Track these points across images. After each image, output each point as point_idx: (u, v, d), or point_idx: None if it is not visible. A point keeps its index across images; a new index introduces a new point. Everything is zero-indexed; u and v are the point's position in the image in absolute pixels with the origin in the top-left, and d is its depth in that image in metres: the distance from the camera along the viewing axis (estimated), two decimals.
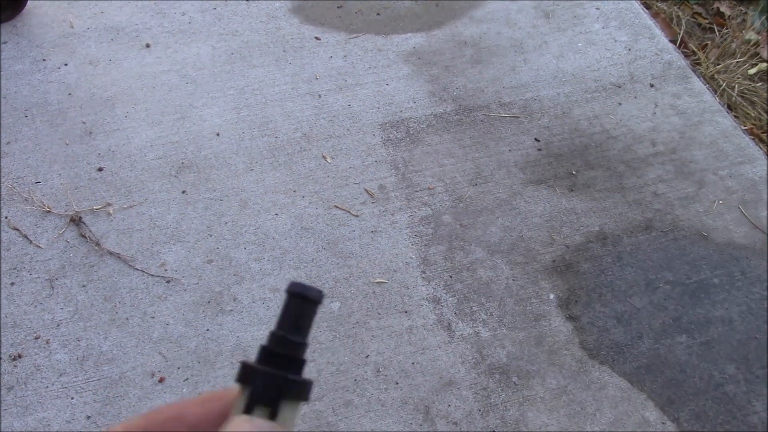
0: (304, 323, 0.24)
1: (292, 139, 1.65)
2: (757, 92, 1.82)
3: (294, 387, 0.23)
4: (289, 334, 0.24)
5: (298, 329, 0.24)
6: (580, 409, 1.20)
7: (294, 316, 0.24)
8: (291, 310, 0.24)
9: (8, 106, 1.71)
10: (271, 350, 0.24)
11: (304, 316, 0.24)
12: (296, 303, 0.24)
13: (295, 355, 0.24)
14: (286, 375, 0.23)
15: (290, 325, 0.24)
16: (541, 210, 1.51)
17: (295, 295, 0.24)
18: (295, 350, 0.24)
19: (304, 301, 0.24)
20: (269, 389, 0.23)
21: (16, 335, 1.28)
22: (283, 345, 0.24)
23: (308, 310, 0.24)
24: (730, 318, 1.33)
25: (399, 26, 1.98)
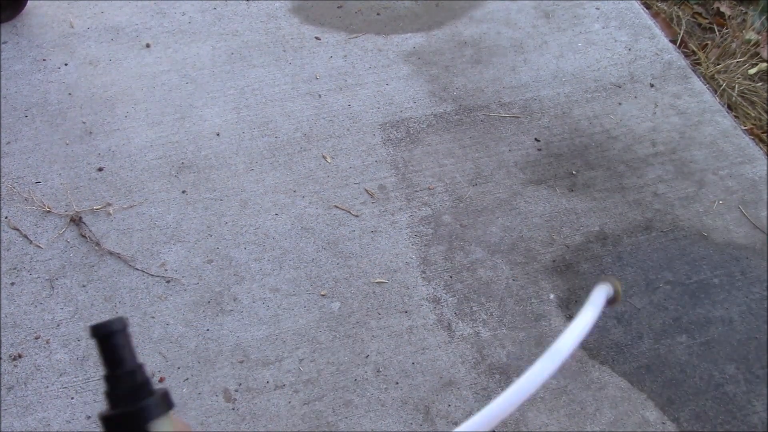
0: (124, 353, 0.25)
1: (292, 139, 1.65)
2: (757, 92, 1.82)
3: (152, 409, 0.25)
4: (118, 369, 0.25)
5: (122, 361, 0.25)
6: (580, 409, 1.20)
7: (111, 352, 0.25)
8: (105, 348, 0.25)
9: (8, 106, 1.71)
10: (114, 394, 0.25)
11: (119, 346, 0.25)
12: (105, 341, 0.25)
13: (134, 383, 0.25)
14: (140, 405, 0.25)
15: (113, 361, 0.25)
16: (541, 210, 1.51)
17: (101, 335, 0.25)
18: (131, 380, 0.25)
19: (111, 335, 0.25)
20: (133, 427, 0.24)
21: (16, 335, 1.28)
22: (119, 382, 0.25)
23: (120, 340, 0.25)
24: (730, 318, 1.33)
25: (399, 26, 1.98)
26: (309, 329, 1.30)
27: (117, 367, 0.25)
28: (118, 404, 0.25)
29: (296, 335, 1.29)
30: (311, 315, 1.32)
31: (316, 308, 1.33)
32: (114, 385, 0.25)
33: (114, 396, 0.25)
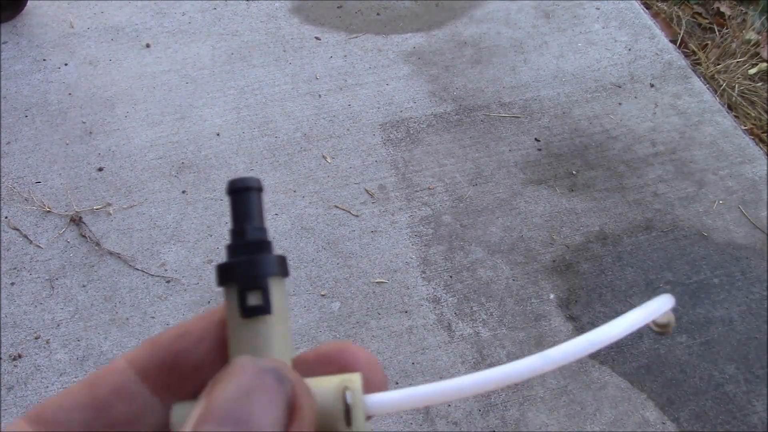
0: (254, 211, 0.25)
1: (292, 139, 1.65)
2: (757, 92, 1.82)
3: (273, 264, 0.24)
4: (249, 223, 0.24)
5: (253, 217, 0.25)
6: (580, 409, 1.20)
7: (243, 207, 0.25)
8: (238, 204, 0.25)
9: (8, 106, 1.71)
10: (236, 245, 0.24)
11: (252, 204, 0.25)
12: (240, 197, 0.25)
13: (260, 239, 0.24)
14: (263, 256, 0.24)
15: (245, 216, 0.25)
16: (541, 210, 1.51)
17: (238, 189, 0.25)
18: (260, 234, 0.24)
19: (248, 191, 0.25)
20: (253, 274, 0.23)
21: (16, 335, 1.28)
22: (244, 234, 0.24)
23: (254, 198, 0.25)
24: (730, 318, 1.33)
25: (399, 26, 1.98)
26: (309, 329, 1.30)
27: (247, 221, 0.24)
28: (240, 255, 0.24)
29: (296, 335, 1.29)
30: (311, 315, 1.32)
31: (316, 308, 1.33)
32: (239, 236, 0.24)
33: (236, 247, 0.24)
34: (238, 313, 0.23)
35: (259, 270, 0.24)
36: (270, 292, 0.23)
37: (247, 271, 0.24)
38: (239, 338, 0.23)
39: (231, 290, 0.24)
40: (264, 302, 0.23)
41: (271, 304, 0.23)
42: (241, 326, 0.23)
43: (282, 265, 0.24)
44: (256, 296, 0.23)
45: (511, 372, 0.24)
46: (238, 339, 0.23)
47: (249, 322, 0.23)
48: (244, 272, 0.24)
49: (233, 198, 0.25)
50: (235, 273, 0.24)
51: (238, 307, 0.23)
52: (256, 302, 0.23)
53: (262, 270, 0.24)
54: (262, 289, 0.23)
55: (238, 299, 0.23)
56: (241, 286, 0.23)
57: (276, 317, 0.23)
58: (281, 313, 0.24)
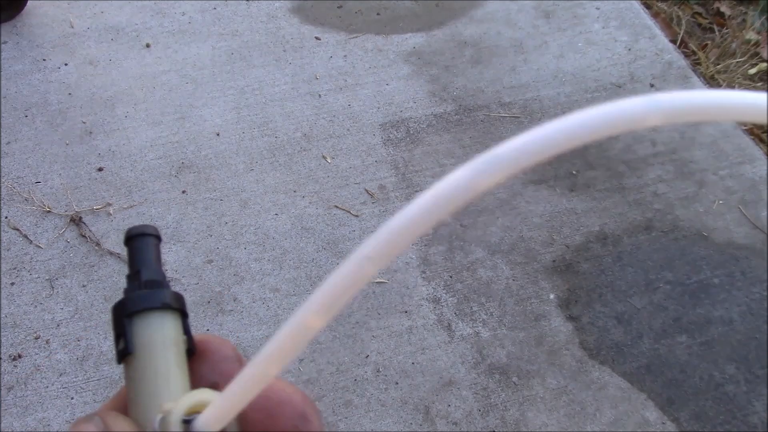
0: (140, 256, 0.25)
1: (292, 139, 1.65)
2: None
3: (134, 301, 0.24)
4: (130, 270, 0.25)
5: (133, 262, 0.25)
6: (580, 409, 1.20)
7: (134, 254, 0.25)
8: (131, 249, 0.25)
9: (8, 106, 1.71)
10: (127, 288, 0.25)
11: (137, 250, 0.25)
12: (132, 241, 0.25)
13: (138, 281, 0.25)
14: (121, 300, 0.24)
15: (130, 264, 0.25)
16: (542, 210, 1.51)
17: (127, 238, 0.25)
18: (136, 280, 0.25)
19: (135, 238, 0.25)
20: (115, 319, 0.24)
21: (16, 335, 1.28)
22: (128, 281, 0.25)
23: (144, 244, 0.25)
24: (730, 318, 1.33)
25: (399, 26, 1.98)
26: None
27: (130, 269, 0.25)
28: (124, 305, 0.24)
29: None
30: None
31: None
32: (130, 280, 0.24)
33: (127, 290, 0.24)
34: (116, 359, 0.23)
35: (120, 310, 0.24)
36: (130, 333, 0.23)
37: (114, 313, 0.24)
38: (126, 384, 0.24)
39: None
40: (125, 344, 0.23)
41: (131, 344, 0.23)
42: (124, 371, 0.24)
43: (155, 300, 0.24)
44: (122, 340, 0.23)
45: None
46: (126, 384, 0.24)
47: (126, 366, 0.23)
48: (113, 315, 0.24)
49: (127, 244, 0.25)
50: (113, 317, 0.24)
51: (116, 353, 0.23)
52: (122, 345, 0.23)
53: (122, 309, 0.23)
54: (121, 330, 0.23)
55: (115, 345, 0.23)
56: (114, 332, 0.24)
57: (140, 355, 0.23)
58: (150, 350, 0.23)
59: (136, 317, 0.23)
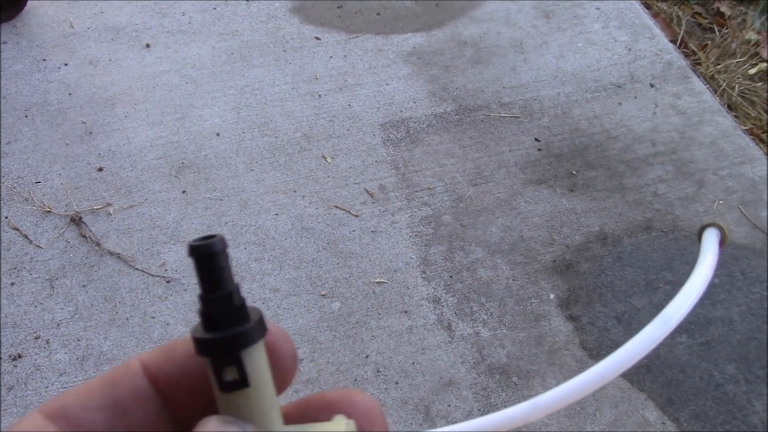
0: (224, 275, 0.24)
1: (292, 139, 1.65)
2: (757, 92, 1.82)
3: (247, 335, 0.23)
4: (215, 293, 0.24)
5: (222, 282, 0.24)
6: (580, 409, 1.20)
7: (211, 274, 0.24)
8: (205, 270, 0.24)
9: (8, 106, 1.71)
10: (209, 315, 0.24)
11: (220, 269, 0.24)
12: (206, 262, 0.24)
13: (232, 307, 0.24)
14: (235, 329, 0.23)
15: (213, 284, 0.24)
16: (542, 210, 1.51)
17: (202, 255, 0.24)
18: (229, 303, 0.24)
19: (213, 256, 0.24)
20: (226, 351, 0.23)
21: (16, 335, 1.28)
22: (217, 305, 0.24)
23: (221, 262, 0.24)
24: (730, 318, 1.33)
25: (399, 26, 1.98)
26: (309, 329, 1.30)
27: (215, 290, 0.24)
28: (212, 327, 0.23)
29: (296, 335, 1.29)
30: (311, 315, 1.32)
31: (316, 308, 1.33)
32: (209, 307, 0.24)
33: (208, 318, 0.24)
34: (218, 386, 0.23)
35: (232, 345, 0.23)
36: (245, 365, 0.23)
37: (220, 347, 0.23)
38: (223, 407, 0.24)
39: (207, 362, 0.24)
40: (240, 376, 0.23)
41: (247, 377, 0.23)
42: (223, 397, 0.23)
43: (258, 327, 0.24)
44: (231, 371, 0.23)
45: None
46: (223, 408, 0.24)
47: (228, 395, 0.23)
48: (217, 349, 0.23)
49: (197, 264, 0.24)
50: (209, 349, 0.23)
51: (216, 381, 0.23)
52: (233, 377, 0.23)
53: (235, 345, 0.23)
54: (237, 365, 0.23)
55: (215, 374, 0.23)
56: (215, 363, 0.23)
57: (255, 388, 0.23)
58: (261, 381, 0.23)
59: (248, 350, 0.23)
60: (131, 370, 0.24)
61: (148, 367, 0.24)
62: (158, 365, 0.24)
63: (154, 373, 0.24)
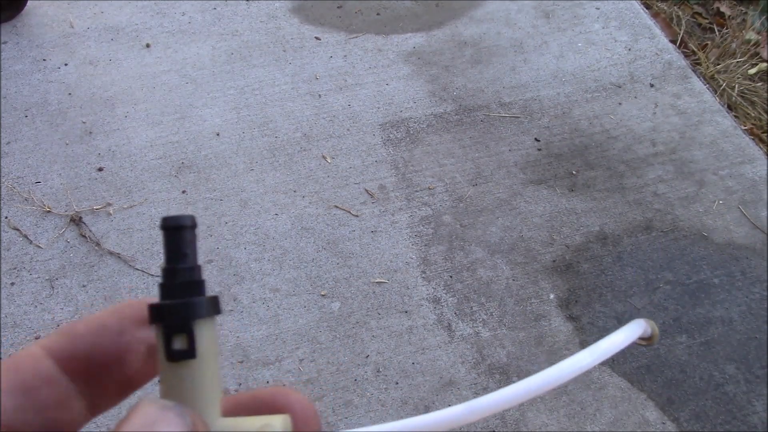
0: (188, 249, 0.25)
1: (292, 139, 1.65)
2: (757, 92, 1.82)
3: (200, 307, 0.24)
4: (180, 264, 0.24)
5: (185, 256, 0.25)
6: (580, 409, 1.20)
7: (177, 246, 0.25)
8: (172, 242, 0.25)
9: (8, 106, 1.71)
10: (168, 284, 0.24)
11: (185, 243, 0.25)
12: (174, 234, 0.25)
13: (191, 279, 0.24)
14: (189, 299, 0.24)
15: (177, 255, 0.25)
16: (541, 210, 1.51)
17: (171, 228, 0.25)
18: (189, 275, 0.24)
19: (181, 229, 0.25)
20: (178, 318, 0.23)
21: (16, 335, 1.28)
22: (177, 275, 0.24)
23: (187, 236, 0.25)
24: (730, 318, 1.33)
25: (399, 26, 1.98)
26: (309, 329, 1.30)
27: (178, 261, 0.24)
28: (169, 296, 0.24)
29: (296, 335, 1.29)
30: (311, 315, 1.32)
31: (316, 308, 1.33)
32: (169, 277, 0.24)
33: (166, 288, 0.24)
34: (165, 355, 0.23)
35: (185, 313, 0.23)
36: (196, 336, 0.23)
37: (173, 314, 0.23)
38: (166, 379, 0.24)
39: (158, 330, 0.24)
40: (189, 346, 0.23)
41: (196, 349, 0.23)
42: (168, 368, 0.23)
43: (213, 305, 0.24)
44: (181, 340, 0.23)
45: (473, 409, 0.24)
46: (165, 380, 0.24)
47: (174, 365, 0.23)
48: (170, 315, 0.23)
49: (165, 235, 0.25)
50: (162, 315, 0.24)
51: (164, 349, 0.23)
52: (181, 346, 0.23)
53: (188, 313, 0.23)
54: (187, 333, 0.23)
55: (164, 342, 0.23)
56: (167, 330, 0.23)
57: (201, 361, 0.23)
58: (208, 356, 0.24)
59: (201, 321, 0.24)
60: (32, 354, 0.24)
61: (51, 351, 0.24)
62: (60, 345, 0.25)
63: (57, 353, 0.24)
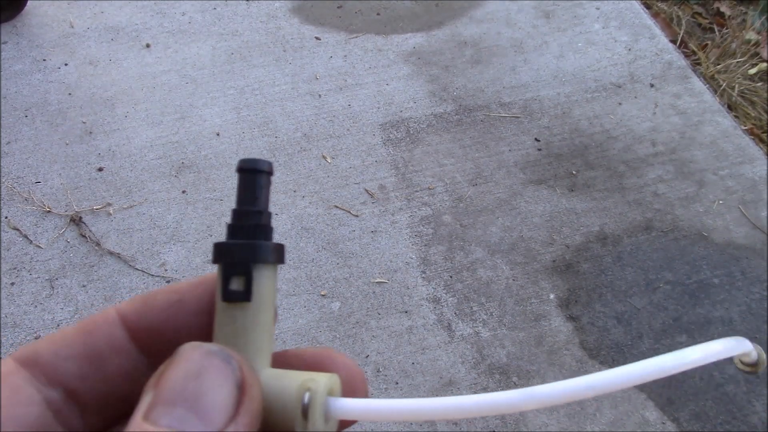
0: (261, 194, 0.25)
1: (292, 139, 1.65)
2: (757, 92, 1.82)
3: (263, 250, 0.24)
4: (250, 206, 0.24)
5: (257, 200, 0.24)
6: (580, 409, 1.20)
7: (251, 189, 0.24)
8: (246, 184, 0.24)
9: (8, 106, 1.71)
10: (235, 225, 0.24)
11: (259, 187, 0.25)
12: (250, 177, 0.24)
13: (259, 223, 0.24)
14: (253, 242, 0.24)
15: (249, 198, 0.24)
16: (541, 210, 1.51)
17: (248, 170, 0.24)
18: (258, 219, 0.24)
19: (257, 173, 0.24)
20: (239, 259, 0.23)
21: (16, 335, 1.28)
22: (246, 217, 0.24)
23: (262, 181, 0.25)
24: (730, 318, 1.33)
25: (399, 26, 1.98)
26: (309, 329, 1.30)
27: (249, 204, 0.24)
28: (234, 237, 0.24)
29: (296, 335, 1.29)
30: (311, 315, 1.32)
31: (316, 308, 1.33)
32: (239, 218, 0.24)
33: (234, 228, 0.24)
34: (221, 295, 0.23)
35: (246, 255, 0.23)
36: (253, 280, 0.23)
37: (234, 254, 0.23)
38: (219, 321, 0.23)
39: (219, 270, 0.23)
40: (245, 288, 0.23)
41: (251, 292, 0.23)
42: (222, 308, 0.23)
43: (276, 252, 0.24)
44: (238, 281, 0.23)
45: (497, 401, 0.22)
46: (219, 322, 0.23)
47: (228, 306, 0.23)
48: (231, 255, 0.23)
49: (241, 178, 0.24)
50: (223, 254, 0.23)
51: (221, 288, 0.23)
52: (237, 287, 0.23)
53: (249, 256, 0.23)
54: (245, 275, 0.23)
55: (222, 281, 0.23)
56: (226, 269, 0.23)
57: (256, 306, 0.23)
58: (264, 302, 0.23)
59: (261, 266, 0.23)
60: (108, 319, 0.24)
61: (125, 317, 0.24)
62: (136, 315, 0.24)
63: (131, 322, 0.24)
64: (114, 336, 0.23)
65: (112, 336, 0.23)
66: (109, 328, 0.23)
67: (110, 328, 0.23)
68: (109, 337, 0.23)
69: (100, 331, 0.23)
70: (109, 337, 0.23)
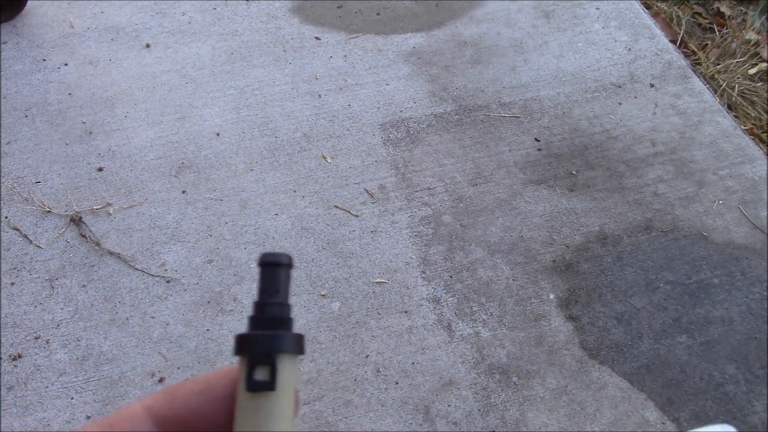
0: (282, 287, 0.26)
1: (292, 139, 1.65)
2: (757, 92, 1.82)
3: (286, 341, 0.24)
4: (272, 299, 0.25)
5: (278, 293, 0.25)
6: (580, 409, 1.20)
7: (272, 282, 0.26)
8: (268, 277, 0.26)
9: (8, 106, 1.71)
10: (257, 318, 0.25)
11: (280, 280, 0.26)
12: (271, 271, 0.26)
13: (281, 315, 0.25)
14: (277, 332, 0.25)
15: (271, 290, 0.25)
16: (541, 210, 1.51)
17: (269, 264, 0.26)
18: (279, 311, 0.25)
19: (278, 267, 0.26)
20: (263, 350, 0.24)
21: (16, 335, 1.28)
22: (268, 309, 0.25)
23: (283, 274, 0.26)
24: (730, 318, 1.33)
25: (399, 26, 1.98)
26: (309, 329, 1.30)
27: (271, 296, 0.25)
28: (257, 329, 0.25)
29: None
30: (311, 315, 1.32)
31: (316, 308, 1.33)
32: (262, 310, 0.25)
33: (256, 320, 0.25)
34: (245, 385, 0.24)
35: (270, 345, 0.24)
36: (278, 369, 0.24)
37: (259, 345, 0.24)
38: (242, 411, 0.24)
39: (242, 361, 0.24)
40: (270, 379, 0.24)
41: (276, 382, 0.24)
42: (246, 398, 0.24)
43: (297, 343, 0.25)
44: (263, 372, 0.24)
45: None
46: (242, 411, 0.24)
47: (253, 396, 0.24)
48: (256, 346, 0.24)
49: (262, 271, 0.25)
50: (248, 345, 0.24)
51: (245, 379, 0.24)
52: (262, 378, 0.24)
53: (273, 346, 0.24)
54: (270, 365, 0.24)
55: (246, 371, 0.24)
56: (251, 360, 0.24)
57: (280, 395, 0.24)
58: (287, 392, 0.24)
59: (285, 356, 0.24)
60: (131, 414, 0.24)
61: (152, 410, 0.25)
62: (163, 407, 0.25)
63: (159, 415, 0.25)
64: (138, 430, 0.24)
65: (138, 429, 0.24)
66: (132, 423, 0.24)
67: (134, 423, 0.24)
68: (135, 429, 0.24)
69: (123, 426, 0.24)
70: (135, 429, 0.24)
